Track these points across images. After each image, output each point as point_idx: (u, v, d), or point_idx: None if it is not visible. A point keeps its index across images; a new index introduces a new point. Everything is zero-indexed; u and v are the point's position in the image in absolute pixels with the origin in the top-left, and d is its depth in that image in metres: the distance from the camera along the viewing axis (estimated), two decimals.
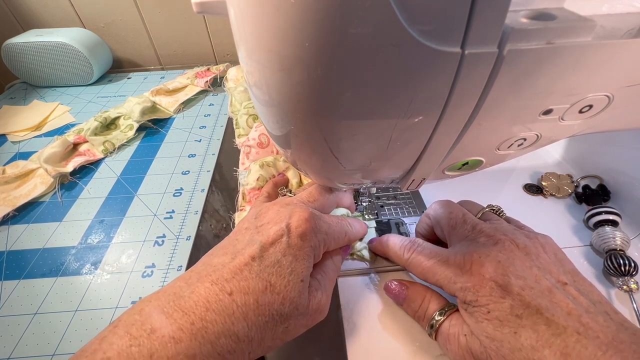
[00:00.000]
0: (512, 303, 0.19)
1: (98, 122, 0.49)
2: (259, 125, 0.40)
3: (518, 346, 0.18)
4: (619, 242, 0.28)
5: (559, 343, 0.17)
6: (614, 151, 0.34)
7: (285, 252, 0.20)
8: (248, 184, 0.35)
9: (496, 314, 0.19)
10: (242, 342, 0.18)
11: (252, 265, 0.20)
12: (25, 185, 0.41)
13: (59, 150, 0.44)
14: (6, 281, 0.32)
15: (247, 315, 0.18)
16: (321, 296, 0.22)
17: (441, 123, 0.15)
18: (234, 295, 0.18)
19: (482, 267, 0.20)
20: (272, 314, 0.19)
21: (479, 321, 0.20)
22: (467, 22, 0.11)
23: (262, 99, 0.16)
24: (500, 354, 0.19)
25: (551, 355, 0.17)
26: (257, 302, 0.19)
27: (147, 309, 0.18)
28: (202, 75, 0.62)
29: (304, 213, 0.22)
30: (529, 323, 0.18)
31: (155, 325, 0.17)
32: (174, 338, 0.16)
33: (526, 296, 0.19)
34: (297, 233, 0.21)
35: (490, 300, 0.20)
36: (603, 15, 0.14)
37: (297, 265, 0.20)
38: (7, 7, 0.66)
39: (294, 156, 0.21)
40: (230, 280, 0.19)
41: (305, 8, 0.11)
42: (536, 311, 0.18)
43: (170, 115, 0.55)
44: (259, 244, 0.20)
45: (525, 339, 0.18)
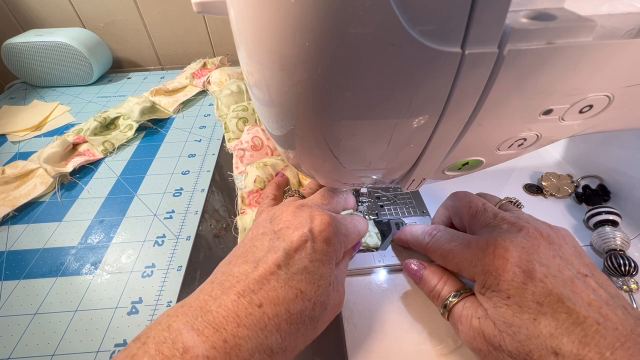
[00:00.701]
0: (534, 290, 0.19)
1: (97, 122, 0.49)
2: (251, 128, 0.40)
3: (537, 333, 0.18)
4: (619, 242, 0.28)
5: (578, 332, 0.17)
6: (614, 151, 0.34)
7: (312, 258, 0.20)
8: (246, 187, 0.35)
9: (517, 299, 0.19)
10: (276, 354, 0.18)
11: (278, 274, 0.19)
12: (25, 185, 0.41)
13: (59, 150, 0.44)
14: (6, 281, 0.32)
15: (280, 326, 0.18)
16: (341, 289, 0.22)
17: (441, 123, 0.15)
18: (264, 307, 0.18)
19: (507, 251, 0.20)
20: (303, 320, 0.19)
21: (498, 306, 0.20)
22: (467, 22, 0.11)
23: (262, 99, 0.16)
24: (516, 339, 0.19)
25: (569, 343, 0.17)
26: (289, 311, 0.18)
27: (175, 325, 0.17)
28: (198, 75, 0.62)
29: (325, 217, 0.22)
30: (550, 311, 0.18)
31: (188, 344, 0.16)
32: (208, 357, 0.16)
33: (549, 284, 0.19)
34: (321, 238, 0.21)
35: (511, 285, 0.19)
36: (603, 15, 0.14)
37: (325, 270, 0.20)
38: (7, 7, 0.66)
39: (294, 156, 0.21)
40: (257, 292, 0.18)
41: (305, 8, 0.11)
42: (557, 299, 0.18)
43: (169, 115, 0.55)
44: (283, 251, 0.20)
45: (544, 326, 0.18)
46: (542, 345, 0.18)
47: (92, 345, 0.27)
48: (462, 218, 0.26)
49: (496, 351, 0.20)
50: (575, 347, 0.17)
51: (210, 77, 0.61)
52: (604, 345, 0.16)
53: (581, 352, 0.17)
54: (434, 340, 0.24)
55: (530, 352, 0.18)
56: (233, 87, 0.51)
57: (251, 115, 0.45)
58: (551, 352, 0.17)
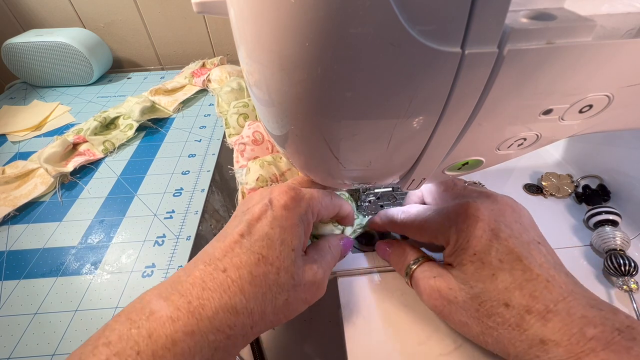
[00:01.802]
0: (498, 248, 0.21)
1: (97, 122, 0.49)
2: (252, 123, 0.40)
3: (492, 287, 0.20)
4: (619, 242, 0.28)
5: (530, 287, 0.19)
6: (614, 151, 0.34)
7: (272, 225, 0.21)
8: (247, 184, 0.34)
9: (481, 256, 0.21)
10: (241, 314, 0.18)
11: (241, 242, 0.20)
12: (26, 185, 0.41)
13: (59, 150, 0.44)
14: (6, 281, 0.32)
15: (243, 288, 0.19)
16: (317, 269, 0.22)
17: (441, 123, 0.15)
18: (228, 271, 0.19)
19: (478, 210, 0.22)
20: (268, 284, 0.20)
21: (462, 263, 0.22)
22: (467, 22, 0.11)
23: (262, 99, 0.16)
24: (471, 292, 0.21)
25: (521, 296, 0.19)
26: (251, 274, 0.19)
27: (147, 297, 0.18)
28: (198, 74, 0.62)
29: (283, 186, 0.23)
30: (508, 267, 0.20)
31: (154, 309, 0.17)
32: (172, 317, 0.17)
33: (511, 244, 0.21)
34: (279, 205, 0.22)
35: (479, 242, 0.21)
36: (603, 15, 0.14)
37: (286, 235, 0.21)
38: (7, 7, 0.66)
39: (294, 156, 0.21)
40: (222, 259, 0.20)
41: (305, 8, 0.11)
42: (516, 258, 0.20)
43: (169, 115, 0.55)
44: (246, 223, 0.21)
45: (501, 281, 0.20)
46: (495, 298, 0.20)
47: None
48: (433, 195, 0.28)
49: (450, 304, 0.22)
50: (525, 300, 0.19)
51: (211, 75, 0.61)
52: (550, 299, 0.18)
53: (529, 304, 0.19)
54: (433, 340, 0.24)
55: (483, 303, 0.20)
56: (233, 85, 0.51)
57: (252, 111, 0.46)
58: (502, 303, 0.19)
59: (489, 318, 0.20)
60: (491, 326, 0.20)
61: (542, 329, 0.18)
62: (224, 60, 0.66)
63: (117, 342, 0.16)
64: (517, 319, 0.19)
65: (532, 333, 0.18)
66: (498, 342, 0.20)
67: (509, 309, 0.19)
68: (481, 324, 0.20)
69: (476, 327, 0.21)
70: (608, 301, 0.26)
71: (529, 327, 0.18)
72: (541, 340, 0.18)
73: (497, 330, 0.20)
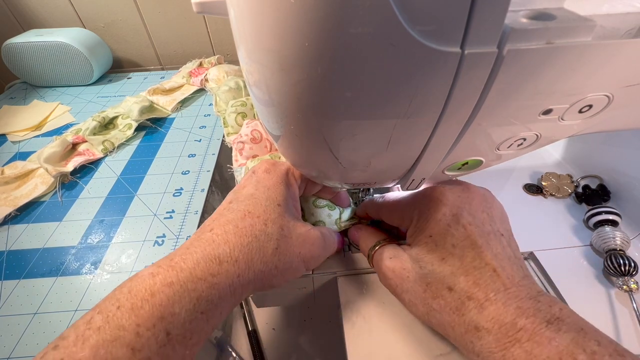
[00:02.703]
0: (455, 233, 0.21)
1: (96, 122, 0.49)
2: (250, 122, 0.40)
3: (440, 270, 0.20)
4: (619, 242, 0.28)
5: (476, 274, 0.19)
6: (614, 151, 0.34)
7: (256, 187, 0.22)
8: None
9: (436, 238, 0.21)
10: (226, 263, 0.18)
11: (229, 207, 0.21)
12: (26, 185, 0.41)
13: (59, 150, 0.44)
14: (6, 281, 0.32)
15: (227, 239, 0.19)
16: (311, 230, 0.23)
17: (441, 123, 0.15)
18: (214, 230, 0.20)
19: (443, 195, 0.22)
20: (255, 234, 0.20)
21: (417, 244, 0.22)
22: (466, 22, 0.11)
23: (262, 99, 0.16)
24: (420, 272, 0.21)
25: (465, 281, 0.19)
26: (236, 226, 0.20)
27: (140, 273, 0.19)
28: (195, 73, 0.62)
29: (265, 161, 0.25)
30: (459, 253, 0.20)
31: (138, 273, 0.18)
32: (152, 273, 0.17)
33: (469, 230, 0.21)
34: (261, 170, 0.23)
35: (437, 225, 0.22)
36: (603, 15, 0.14)
37: (270, 192, 0.22)
38: (7, 7, 0.66)
39: (294, 156, 0.21)
40: (210, 223, 0.20)
41: (305, 8, 0.11)
42: (471, 244, 0.20)
43: (168, 114, 0.55)
44: (233, 192, 0.23)
45: (449, 265, 0.20)
46: (441, 281, 0.20)
47: None
48: None
49: (402, 283, 0.22)
50: (468, 286, 0.19)
51: (208, 75, 0.61)
52: (492, 288, 0.19)
53: (471, 290, 0.19)
54: (433, 340, 0.24)
55: (429, 284, 0.21)
56: (231, 84, 0.51)
57: (250, 110, 0.46)
58: (446, 286, 0.20)
59: (434, 300, 0.20)
60: (434, 308, 0.20)
61: (478, 316, 0.18)
62: (221, 60, 0.66)
63: (101, 303, 0.17)
64: (458, 304, 0.19)
65: (469, 319, 0.19)
66: (440, 325, 0.20)
67: (452, 293, 0.20)
68: (426, 305, 0.21)
69: (422, 307, 0.21)
70: (608, 301, 0.26)
71: (466, 313, 0.19)
72: (475, 326, 0.18)
73: (440, 313, 0.20)
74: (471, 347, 0.18)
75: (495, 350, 0.17)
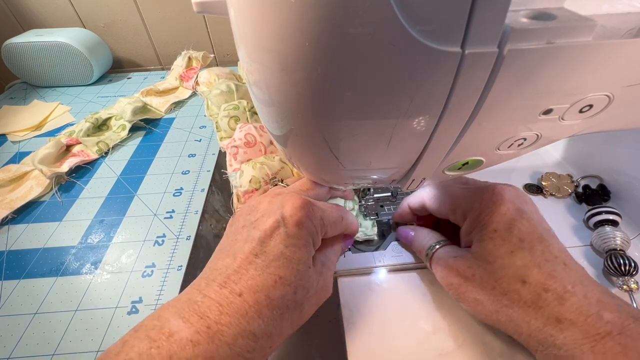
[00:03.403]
0: (521, 226, 0.21)
1: (89, 123, 0.49)
2: (244, 126, 0.40)
3: (511, 264, 0.20)
4: (619, 242, 0.28)
5: (548, 267, 0.20)
6: (614, 151, 0.34)
7: (286, 243, 0.20)
8: (242, 187, 0.34)
9: (502, 233, 0.21)
10: (261, 339, 0.18)
11: (256, 263, 0.20)
12: (21, 187, 0.41)
13: (53, 152, 0.44)
14: (6, 281, 0.32)
15: (261, 312, 0.18)
16: (326, 273, 0.23)
17: (441, 123, 0.15)
18: (244, 295, 0.19)
19: (504, 191, 0.23)
20: (286, 305, 0.19)
21: (482, 240, 0.22)
22: (467, 22, 0.11)
23: (262, 99, 0.16)
24: (489, 269, 0.21)
25: (539, 274, 0.19)
26: (268, 297, 0.19)
27: (164, 315, 0.18)
28: (186, 77, 0.62)
29: (296, 201, 0.22)
30: (528, 246, 0.20)
31: (173, 329, 0.17)
32: (192, 341, 0.17)
33: (534, 225, 0.21)
34: (292, 222, 0.21)
35: (502, 219, 0.21)
36: (603, 15, 0.14)
37: (302, 254, 0.21)
38: (7, 7, 0.66)
39: (294, 156, 0.21)
40: (238, 282, 0.19)
41: (305, 8, 0.11)
42: (538, 237, 0.20)
43: (161, 116, 0.55)
44: (258, 240, 0.20)
45: (519, 258, 0.20)
46: (513, 274, 0.20)
47: (92, 345, 0.27)
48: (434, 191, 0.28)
49: (466, 282, 0.22)
50: (543, 278, 0.19)
51: (199, 78, 0.60)
52: (568, 280, 0.19)
53: (547, 282, 0.19)
54: (434, 339, 0.24)
55: (500, 280, 0.20)
56: (222, 87, 0.51)
57: (242, 114, 0.45)
58: (519, 280, 0.20)
59: (505, 295, 0.20)
60: (506, 304, 0.20)
61: (559, 308, 0.18)
62: (207, 56, 0.64)
63: None
64: (534, 296, 0.19)
65: (549, 311, 0.18)
66: (511, 321, 0.20)
67: (526, 286, 0.19)
68: (496, 302, 0.20)
69: (490, 305, 0.21)
70: None
71: (545, 305, 0.19)
72: (557, 318, 0.18)
73: (512, 308, 0.20)
74: (551, 341, 0.18)
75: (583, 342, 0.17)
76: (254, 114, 0.46)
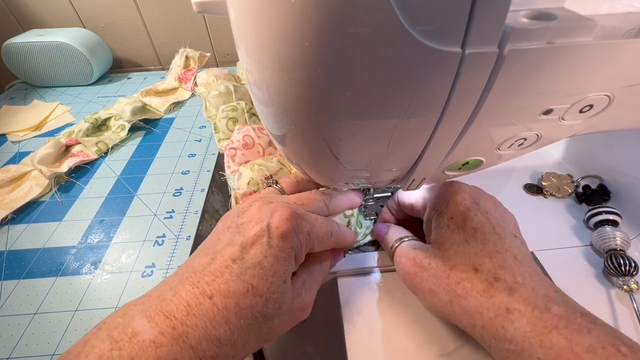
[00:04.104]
0: (474, 217, 0.22)
1: (89, 123, 0.49)
2: (242, 127, 0.40)
3: (464, 251, 0.21)
4: (619, 242, 0.28)
5: (499, 258, 0.20)
6: (614, 151, 0.34)
7: (266, 254, 0.20)
8: (240, 189, 0.34)
9: (457, 220, 0.22)
10: (225, 346, 0.18)
11: (232, 268, 0.19)
12: (20, 188, 0.41)
13: (52, 152, 0.44)
14: (6, 281, 0.32)
15: (228, 319, 0.18)
16: (305, 295, 0.22)
17: (441, 123, 0.15)
18: (214, 298, 0.18)
19: (462, 186, 0.24)
20: (254, 316, 0.19)
21: (439, 227, 0.23)
22: (467, 22, 0.11)
23: (262, 99, 0.16)
24: (444, 255, 0.22)
25: (490, 263, 0.20)
26: (238, 305, 0.19)
27: (130, 313, 0.18)
28: (184, 79, 0.62)
29: (285, 212, 0.21)
30: (481, 237, 0.21)
31: (137, 329, 0.17)
32: (155, 342, 0.16)
33: (488, 217, 0.22)
34: (277, 233, 0.20)
35: (457, 207, 0.22)
36: (603, 15, 0.14)
37: (279, 266, 0.20)
38: (7, 7, 0.66)
39: (294, 156, 0.21)
40: (210, 284, 0.19)
41: (305, 8, 0.11)
42: (491, 229, 0.21)
43: (160, 116, 0.55)
44: (239, 245, 0.20)
45: (472, 246, 0.21)
46: (466, 262, 0.21)
47: None
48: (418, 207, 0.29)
49: (422, 271, 0.22)
50: (494, 267, 0.20)
51: (197, 79, 0.60)
52: (518, 272, 0.19)
53: (497, 272, 0.19)
54: (434, 340, 0.24)
55: (454, 267, 0.21)
56: (221, 88, 0.50)
57: (241, 115, 0.45)
58: (472, 267, 0.20)
59: (458, 284, 0.20)
60: (459, 294, 0.20)
61: (509, 298, 0.18)
62: (203, 54, 0.63)
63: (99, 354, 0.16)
64: (485, 285, 0.19)
65: (499, 300, 0.19)
66: (465, 313, 0.20)
67: (478, 274, 0.20)
68: (450, 292, 0.21)
69: (445, 295, 0.21)
70: (608, 301, 0.26)
71: (496, 294, 0.19)
72: (507, 308, 0.18)
73: (466, 298, 0.20)
74: (502, 334, 0.18)
75: (531, 335, 0.17)
76: (252, 115, 0.46)
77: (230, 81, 0.54)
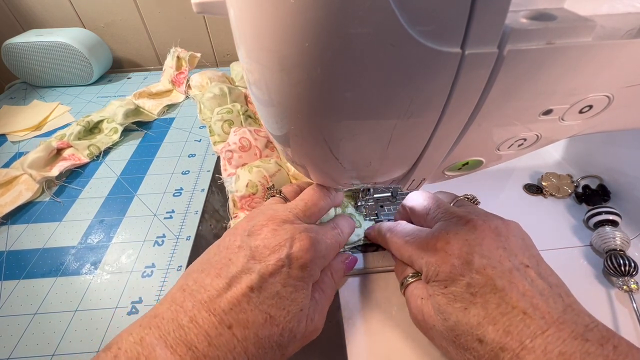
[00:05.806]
0: (470, 281, 0.20)
1: (81, 126, 0.48)
2: (238, 129, 0.40)
3: (465, 321, 0.19)
4: (619, 242, 0.28)
5: (504, 321, 0.18)
6: (614, 151, 0.34)
7: (285, 283, 0.20)
8: (238, 191, 0.34)
9: (452, 289, 0.20)
10: None
11: (250, 297, 0.19)
12: (9, 192, 0.40)
13: (43, 155, 0.43)
14: (6, 281, 0.32)
15: (247, 349, 0.18)
16: (318, 318, 0.22)
17: (441, 123, 0.15)
18: (233, 329, 0.18)
19: (448, 244, 0.21)
20: (271, 345, 0.19)
21: (435, 294, 0.21)
22: (467, 23, 0.11)
23: (262, 99, 0.16)
24: (446, 324, 0.20)
25: (494, 331, 0.18)
26: (257, 335, 0.19)
27: (148, 339, 0.17)
28: (177, 82, 0.61)
29: (305, 242, 0.21)
30: (481, 301, 0.19)
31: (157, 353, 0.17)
32: None
33: (486, 275, 0.20)
34: (298, 264, 0.21)
35: (449, 277, 0.21)
36: (603, 16, 0.14)
37: (297, 295, 0.20)
38: (7, 7, 0.66)
39: (294, 156, 0.21)
40: (228, 312, 0.19)
41: (305, 8, 0.11)
42: (492, 289, 0.19)
43: (153, 118, 0.55)
44: (258, 275, 0.20)
45: (473, 315, 0.19)
46: (469, 332, 0.19)
47: (92, 345, 0.27)
48: (418, 218, 0.27)
49: (431, 329, 0.21)
50: (499, 336, 0.18)
51: (191, 81, 0.59)
52: (526, 333, 0.17)
53: (503, 340, 0.18)
54: None
55: (458, 336, 0.19)
56: (215, 90, 0.50)
57: (236, 117, 0.45)
58: (476, 339, 0.19)
59: (466, 351, 0.19)
60: (469, 358, 0.19)
61: None
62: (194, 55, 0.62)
63: None
64: (492, 356, 0.18)
65: None
66: None
67: (483, 345, 0.18)
68: (460, 354, 0.20)
69: (455, 355, 0.20)
70: (608, 301, 0.26)
71: None
72: None
73: None
74: None
75: None
76: (247, 118, 0.46)
77: (225, 83, 0.53)
